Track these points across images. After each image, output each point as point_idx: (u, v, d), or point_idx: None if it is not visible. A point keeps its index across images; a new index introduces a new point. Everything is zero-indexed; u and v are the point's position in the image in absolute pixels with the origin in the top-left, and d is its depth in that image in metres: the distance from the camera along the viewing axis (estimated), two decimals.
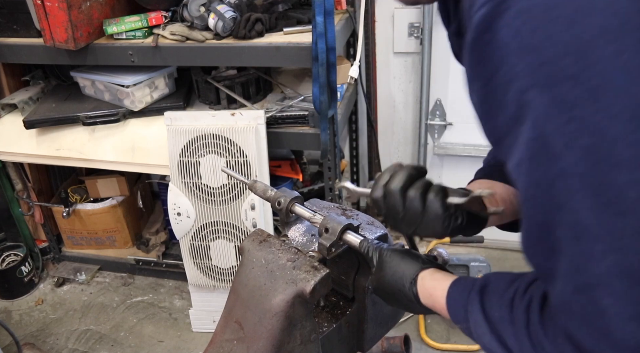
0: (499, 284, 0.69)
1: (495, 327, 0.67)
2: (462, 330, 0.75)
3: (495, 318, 0.67)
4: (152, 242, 2.71)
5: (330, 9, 1.74)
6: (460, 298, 0.73)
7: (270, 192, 1.03)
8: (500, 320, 0.66)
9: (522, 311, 0.63)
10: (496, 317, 0.67)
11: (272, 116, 2.03)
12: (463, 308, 0.72)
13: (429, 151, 2.62)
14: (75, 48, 1.95)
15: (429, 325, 2.30)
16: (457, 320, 0.74)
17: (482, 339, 0.69)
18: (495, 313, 0.67)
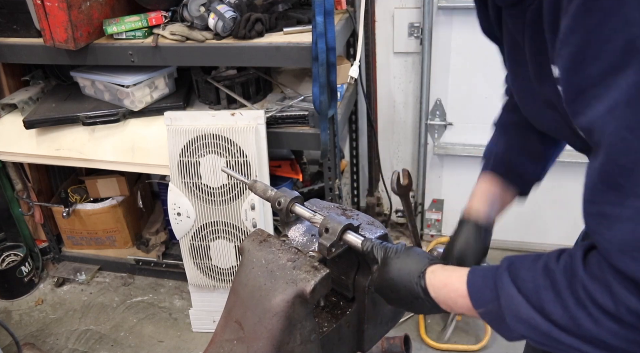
0: (525, 260, 0.70)
1: (532, 297, 0.66)
2: (481, 316, 0.74)
3: (530, 289, 0.67)
4: (152, 242, 2.71)
5: (330, 9, 1.74)
6: (484, 280, 0.73)
7: (270, 192, 1.03)
8: (536, 289, 0.66)
9: (561, 273, 0.64)
10: (530, 287, 0.67)
11: (272, 116, 2.03)
12: (489, 288, 0.71)
13: (429, 151, 2.62)
14: (75, 48, 1.95)
15: (429, 325, 2.30)
16: (481, 303, 0.73)
17: (519, 312, 0.68)
18: (529, 285, 0.67)
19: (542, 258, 0.68)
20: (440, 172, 2.68)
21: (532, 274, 0.68)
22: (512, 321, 0.69)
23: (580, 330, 0.62)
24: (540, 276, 0.66)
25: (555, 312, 0.64)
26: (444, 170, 2.67)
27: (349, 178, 2.76)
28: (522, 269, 0.69)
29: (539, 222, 2.63)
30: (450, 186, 2.70)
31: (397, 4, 2.35)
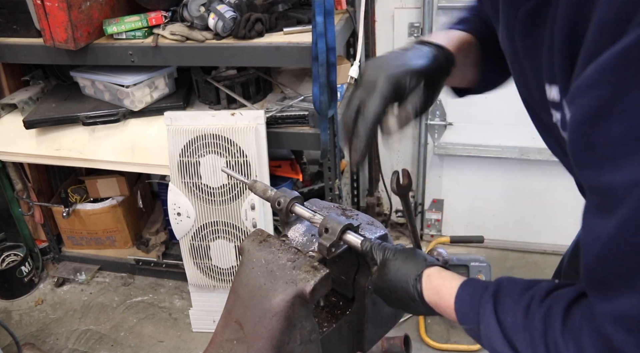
0: (514, 289, 0.68)
1: (508, 332, 0.66)
2: (466, 331, 0.75)
3: (508, 324, 0.66)
4: (152, 242, 2.71)
5: (330, 9, 1.74)
6: (472, 300, 0.72)
7: (270, 192, 1.03)
8: (513, 326, 0.65)
9: (540, 319, 0.62)
10: (509, 322, 0.66)
11: (272, 116, 2.03)
12: (474, 310, 0.71)
13: (429, 151, 2.62)
14: (75, 48, 1.95)
15: (429, 325, 2.30)
16: (464, 321, 0.73)
17: (493, 343, 0.68)
18: (508, 318, 0.66)
19: (529, 292, 0.67)
20: (440, 172, 2.68)
21: (514, 308, 0.66)
22: (487, 347, 0.69)
23: None
24: (521, 313, 0.65)
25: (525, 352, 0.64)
26: (444, 170, 2.67)
27: (349, 178, 2.76)
28: (508, 300, 0.68)
29: (537, 222, 2.63)
30: (450, 186, 2.70)
31: (397, 4, 2.35)
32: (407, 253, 0.85)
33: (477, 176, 2.60)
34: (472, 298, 0.72)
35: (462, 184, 2.67)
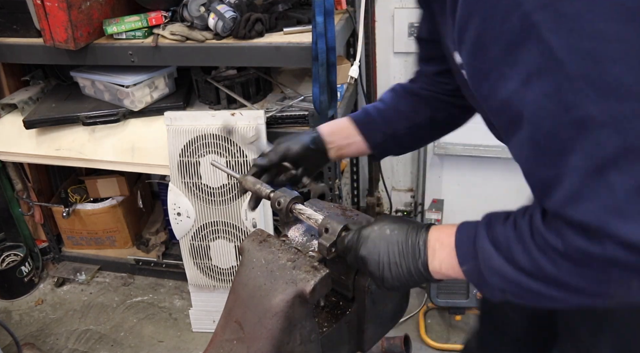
0: (500, 215, 0.76)
1: (503, 249, 0.71)
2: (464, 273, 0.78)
3: (502, 243, 0.72)
4: (152, 242, 2.71)
5: (330, 9, 1.74)
6: (468, 237, 0.77)
7: (259, 186, 1.03)
8: (507, 242, 0.71)
9: (526, 225, 0.69)
10: (502, 241, 0.72)
11: (272, 116, 2.03)
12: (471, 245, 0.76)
13: (429, 151, 2.62)
14: (75, 48, 1.95)
15: (429, 325, 2.30)
16: (464, 260, 0.77)
17: (492, 263, 0.72)
18: (501, 238, 0.72)
19: (512, 214, 0.74)
20: (440, 172, 2.68)
21: (504, 228, 0.73)
22: (488, 274, 0.74)
23: (543, 273, 0.67)
24: (510, 230, 0.72)
25: (522, 260, 0.69)
26: (444, 170, 2.67)
27: (349, 178, 2.76)
28: (497, 225, 0.74)
29: None
30: (450, 186, 2.70)
31: (397, 4, 2.35)
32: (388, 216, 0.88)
33: (477, 176, 2.60)
34: (469, 234, 0.77)
35: (462, 184, 2.67)
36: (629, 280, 0.61)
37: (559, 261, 0.65)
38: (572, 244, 0.63)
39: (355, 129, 1.13)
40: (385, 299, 1.06)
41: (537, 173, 0.66)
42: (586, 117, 0.58)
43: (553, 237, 0.65)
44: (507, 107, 0.65)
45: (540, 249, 0.67)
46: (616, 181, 0.58)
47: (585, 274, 0.64)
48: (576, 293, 0.66)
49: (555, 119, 0.60)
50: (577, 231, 0.62)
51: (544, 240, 0.66)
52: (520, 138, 0.66)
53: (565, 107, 0.59)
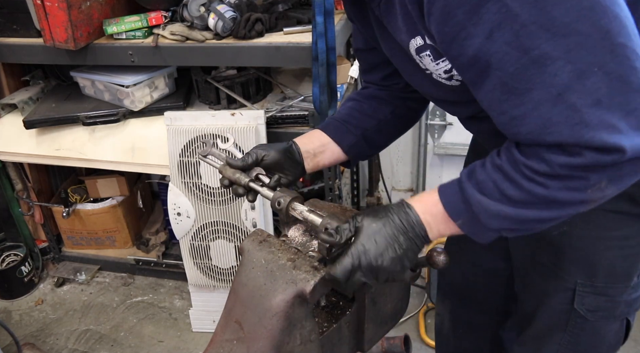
0: (477, 166, 0.84)
1: (493, 193, 0.80)
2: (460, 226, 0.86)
3: (490, 188, 0.81)
4: (152, 242, 2.71)
5: (330, 9, 1.74)
6: (455, 195, 0.85)
7: (238, 175, 1.03)
8: (494, 184, 0.80)
9: (506, 163, 0.79)
10: (490, 186, 0.81)
11: (272, 116, 2.03)
12: (460, 200, 0.84)
13: (429, 151, 2.62)
14: (75, 48, 1.95)
15: (429, 325, 2.30)
16: (458, 215, 0.85)
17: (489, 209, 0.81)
18: (488, 184, 0.81)
19: (487, 159, 0.83)
20: (440, 172, 2.68)
21: (486, 175, 0.82)
22: (487, 219, 0.82)
23: (537, 198, 0.77)
24: (492, 173, 0.81)
25: (515, 194, 0.78)
26: (444, 170, 2.67)
27: (349, 178, 2.76)
28: (478, 174, 0.83)
29: None
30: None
31: None
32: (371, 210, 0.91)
33: None
34: (454, 194, 0.85)
35: None
36: (600, 181, 0.74)
37: (547, 182, 0.76)
38: (556, 162, 0.73)
39: (327, 137, 1.17)
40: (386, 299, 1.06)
41: (509, 112, 0.76)
42: (542, 54, 0.70)
43: (537, 163, 0.75)
44: (476, 61, 0.75)
45: (528, 178, 0.77)
46: (576, 101, 0.70)
47: (570, 186, 0.75)
48: (565, 206, 0.78)
49: (518, 61, 0.71)
50: (557, 151, 0.73)
51: (529, 169, 0.76)
52: (489, 85, 0.76)
53: (524, 50, 0.71)
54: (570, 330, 1.14)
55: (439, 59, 0.88)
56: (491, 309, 1.50)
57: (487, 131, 1.04)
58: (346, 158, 1.20)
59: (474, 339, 1.56)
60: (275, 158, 1.07)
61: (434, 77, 0.93)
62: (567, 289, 1.10)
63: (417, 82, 1.03)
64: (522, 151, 0.77)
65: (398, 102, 1.21)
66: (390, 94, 1.21)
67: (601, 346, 1.16)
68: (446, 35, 0.77)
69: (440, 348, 1.68)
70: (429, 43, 0.86)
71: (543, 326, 1.19)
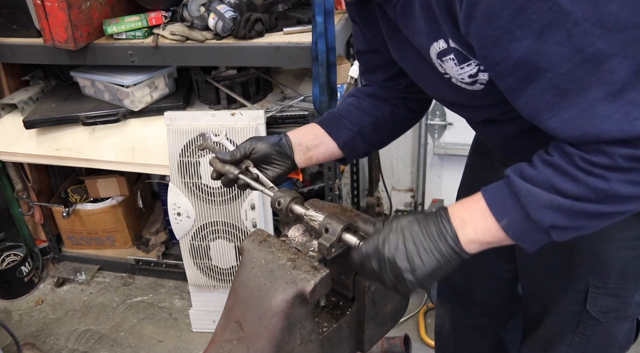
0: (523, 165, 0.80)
1: (545, 186, 0.76)
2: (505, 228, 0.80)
3: (541, 181, 0.77)
4: (152, 242, 2.71)
5: (330, 9, 1.74)
6: (499, 191, 0.81)
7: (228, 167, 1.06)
8: (546, 179, 0.76)
9: (559, 158, 0.76)
10: (541, 179, 0.77)
11: (272, 116, 2.03)
12: (507, 196, 0.80)
13: (429, 151, 2.62)
14: (75, 48, 1.95)
15: (429, 325, 2.30)
16: (504, 212, 0.80)
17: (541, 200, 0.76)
18: (539, 178, 0.77)
19: (535, 158, 0.79)
20: (440, 172, 2.68)
21: (536, 171, 0.78)
22: (538, 212, 0.77)
23: (596, 192, 0.73)
24: (543, 168, 0.77)
25: (570, 188, 0.75)
26: (444, 170, 2.67)
27: (349, 178, 2.76)
28: (526, 171, 0.79)
29: None
30: (450, 186, 2.70)
31: None
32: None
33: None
34: (499, 191, 0.81)
35: None
36: None
37: (607, 174, 0.72)
38: (620, 154, 0.70)
39: (323, 130, 1.16)
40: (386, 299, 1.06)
41: (560, 114, 0.73)
42: (597, 52, 0.67)
43: (597, 156, 0.72)
44: (523, 64, 0.72)
45: (585, 171, 0.73)
46: (636, 97, 0.68)
47: (632, 179, 0.72)
48: (624, 201, 0.74)
49: (571, 61, 0.69)
50: (619, 145, 0.70)
51: (587, 161, 0.73)
52: (536, 89, 0.74)
53: (577, 49, 0.68)
54: (581, 332, 1.12)
55: (464, 63, 0.85)
56: (493, 311, 1.49)
57: (502, 135, 1.03)
58: (341, 154, 1.18)
59: (475, 341, 1.55)
60: (263, 151, 1.07)
61: (453, 82, 0.90)
62: (579, 290, 1.09)
63: (431, 86, 1.01)
64: (577, 147, 0.74)
65: (398, 102, 1.20)
66: (391, 93, 1.20)
67: (612, 347, 1.15)
68: (488, 39, 0.74)
69: (440, 350, 1.67)
70: (453, 46, 0.83)
71: (552, 328, 1.18)
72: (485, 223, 0.81)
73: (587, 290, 1.07)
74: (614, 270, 1.05)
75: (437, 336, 1.65)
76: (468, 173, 1.43)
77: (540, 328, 1.21)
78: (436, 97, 1.06)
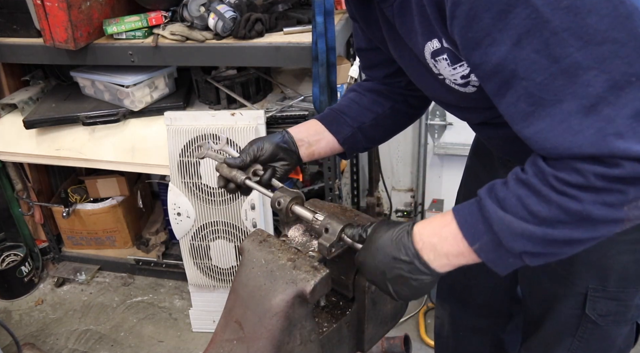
0: (497, 184, 0.78)
1: (519, 210, 0.73)
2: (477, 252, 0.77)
3: (513, 205, 0.74)
4: (152, 242, 2.71)
5: (330, 9, 1.74)
6: (472, 214, 0.78)
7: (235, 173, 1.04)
8: (518, 202, 0.74)
9: (533, 177, 0.73)
10: (514, 203, 0.74)
11: (272, 116, 2.03)
12: (479, 220, 0.77)
13: (429, 151, 2.62)
14: (75, 48, 1.95)
15: (429, 325, 2.30)
16: (475, 238, 0.77)
17: (512, 228, 0.74)
18: (512, 201, 0.74)
19: (510, 176, 0.77)
20: (440, 172, 2.68)
21: (509, 191, 0.75)
22: (509, 240, 0.74)
23: (568, 214, 0.70)
24: (517, 188, 0.74)
25: (543, 210, 0.72)
26: (444, 170, 2.67)
27: (349, 178, 2.76)
28: (499, 191, 0.76)
29: None
30: (450, 186, 2.70)
31: None
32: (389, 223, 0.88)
33: None
34: (471, 213, 0.79)
35: None
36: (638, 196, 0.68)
37: (581, 195, 0.69)
38: (593, 172, 0.68)
39: (323, 126, 1.17)
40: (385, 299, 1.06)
41: (535, 124, 0.71)
42: (573, 64, 0.66)
43: (570, 175, 0.69)
44: (501, 69, 0.71)
45: (558, 191, 0.70)
46: (610, 113, 0.66)
47: (606, 200, 0.69)
48: (598, 225, 0.71)
49: (547, 71, 0.68)
50: (592, 162, 0.68)
51: (560, 180, 0.70)
52: (513, 96, 0.72)
53: (554, 59, 0.67)
54: (580, 335, 1.12)
55: (457, 64, 0.84)
56: (492, 312, 1.48)
57: (500, 137, 1.03)
58: (342, 149, 1.19)
59: (475, 342, 1.55)
60: (270, 151, 1.08)
61: (447, 83, 0.90)
62: (578, 294, 1.08)
63: (427, 86, 1.01)
64: (551, 164, 0.72)
65: (399, 98, 1.20)
66: (391, 89, 1.20)
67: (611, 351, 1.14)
68: (469, 40, 0.73)
69: (439, 351, 1.67)
70: (446, 46, 0.83)
71: (551, 331, 1.17)
72: (457, 248, 0.79)
73: (587, 293, 1.07)
74: (613, 273, 1.04)
75: (437, 337, 1.65)
76: (468, 174, 1.43)
77: (540, 331, 1.21)
78: (433, 98, 1.06)
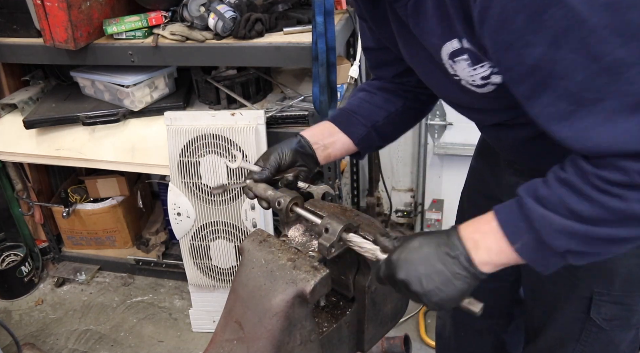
0: (537, 183, 0.77)
1: (559, 208, 0.73)
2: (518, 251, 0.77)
3: (555, 202, 0.73)
4: (152, 242, 2.71)
5: (330, 9, 1.74)
6: (512, 213, 0.78)
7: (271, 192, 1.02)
8: (560, 200, 0.73)
9: (573, 176, 0.72)
10: (554, 201, 0.73)
11: (272, 116, 2.03)
12: (520, 219, 0.76)
13: (429, 151, 2.62)
14: (75, 48, 1.95)
15: (429, 325, 2.30)
16: (517, 235, 0.77)
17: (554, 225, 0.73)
18: (552, 199, 0.73)
19: (549, 175, 0.76)
20: (440, 172, 2.68)
21: (549, 190, 0.74)
22: (551, 238, 0.74)
23: (612, 213, 0.70)
24: (557, 188, 0.73)
25: (585, 210, 0.71)
26: (444, 170, 2.67)
27: (349, 178, 2.76)
28: (540, 190, 0.75)
29: None
30: (450, 186, 2.70)
31: None
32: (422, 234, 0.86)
33: None
34: (511, 211, 0.78)
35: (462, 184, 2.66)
36: None
37: (625, 193, 0.68)
38: (636, 170, 0.66)
39: (336, 128, 1.16)
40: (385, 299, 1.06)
41: (576, 123, 0.70)
42: (616, 61, 0.65)
43: (612, 173, 0.68)
44: (537, 70, 0.70)
45: (601, 190, 0.69)
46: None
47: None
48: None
49: (587, 69, 0.66)
50: (636, 160, 0.66)
51: (603, 179, 0.69)
52: (550, 97, 0.71)
53: (594, 58, 0.65)
54: (584, 340, 1.11)
55: (478, 64, 0.82)
56: (495, 313, 1.47)
57: (512, 139, 1.01)
58: (356, 149, 1.18)
59: (476, 343, 1.55)
60: (291, 159, 1.07)
61: (462, 84, 0.88)
62: (583, 297, 1.07)
63: (439, 86, 1.00)
64: (592, 162, 0.71)
65: (409, 95, 1.19)
66: (401, 88, 1.19)
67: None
68: (501, 43, 0.72)
69: (441, 352, 1.67)
70: (467, 47, 0.81)
71: (555, 335, 1.16)
72: (498, 246, 0.78)
73: (591, 297, 1.06)
74: (619, 277, 1.03)
75: (438, 337, 1.65)
76: (473, 176, 1.41)
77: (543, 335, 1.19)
78: (445, 98, 1.04)
